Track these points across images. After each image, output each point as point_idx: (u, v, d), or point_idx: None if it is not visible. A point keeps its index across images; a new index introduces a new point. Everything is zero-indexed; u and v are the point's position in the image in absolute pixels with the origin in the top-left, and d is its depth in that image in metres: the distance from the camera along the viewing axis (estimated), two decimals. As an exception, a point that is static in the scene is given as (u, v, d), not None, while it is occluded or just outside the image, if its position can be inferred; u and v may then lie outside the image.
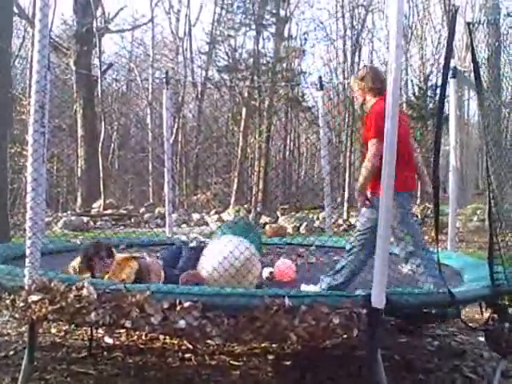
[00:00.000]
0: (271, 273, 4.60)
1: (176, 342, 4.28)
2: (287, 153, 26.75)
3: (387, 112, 2.74)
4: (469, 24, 3.76)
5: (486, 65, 3.70)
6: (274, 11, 22.37)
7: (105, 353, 4.04)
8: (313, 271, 4.78)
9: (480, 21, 3.73)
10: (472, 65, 3.48)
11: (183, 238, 5.48)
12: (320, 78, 7.66)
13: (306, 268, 5.11)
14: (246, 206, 18.64)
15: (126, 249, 5.35)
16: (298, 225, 15.30)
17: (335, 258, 5.39)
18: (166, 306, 2.72)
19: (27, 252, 2.93)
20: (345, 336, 2.79)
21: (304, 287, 4.01)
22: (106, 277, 3.57)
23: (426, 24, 24.90)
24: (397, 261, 4.05)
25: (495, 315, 3.28)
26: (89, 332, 4.25)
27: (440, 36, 23.30)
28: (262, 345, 4.17)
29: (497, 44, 3.90)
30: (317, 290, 3.85)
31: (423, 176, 4.17)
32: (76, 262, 3.85)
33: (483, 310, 3.48)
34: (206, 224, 16.07)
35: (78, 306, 2.78)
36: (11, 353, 4.00)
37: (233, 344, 4.14)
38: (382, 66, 25.08)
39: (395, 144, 2.74)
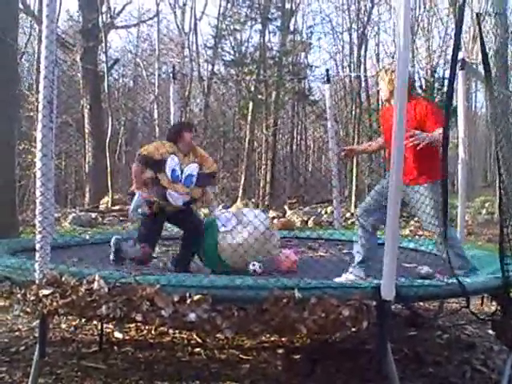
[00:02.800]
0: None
1: (185, 336, 4.30)
2: (294, 146, 26.70)
3: (396, 104, 2.73)
4: (477, 15, 3.73)
5: (495, 56, 3.68)
6: (280, 4, 22.28)
7: (115, 347, 4.07)
8: (322, 263, 4.77)
9: (488, 12, 3.71)
10: (481, 56, 3.46)
11: None
12: (327, 70, 7.63)
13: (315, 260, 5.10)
14: (253, 199, 18.63)
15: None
16: (306, 219, 15.29)
17: (345, 251, 5.40)
18: (176, 299, 2.73)
19: (37, 247, 2.94)
20: (354, 328, 2.79)
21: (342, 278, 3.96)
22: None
23: (433, 16, 24.77)
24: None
25: (504, 307, 3.27)
26: (99, 327, 4.28)
27: (447, 28, 23.19)
28: (272, 338, 4.18)
29: (506, 35, 3.89)
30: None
31: None
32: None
33: (488, 301, 3.47)
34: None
35: (88, 299, 2.79)
36: (22, 348, 4.03)
37: (242, 337, 4.15)
38: (388, 59, 25.03)
39: (403, 139, 2.73)
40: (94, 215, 15.49)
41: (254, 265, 4.24)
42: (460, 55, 5.07)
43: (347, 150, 4.60)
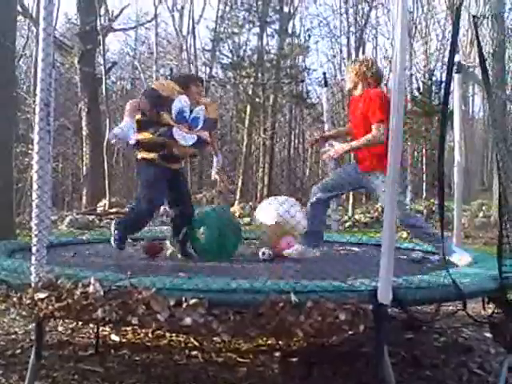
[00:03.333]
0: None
1: (182, 339, 4.29)
2: (292, 149, 26.72)
3: (392, 108, 2.72)
4: (474, 17, 3.75)
5: (492, 59, 3.69)
6: (278, 8, 22.33)
7: (111, 350, 4.05)
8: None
9: (485, 15, 3.72)
10: (478, 59, 3.47)
11: None
12: (324, 74, 7.63)
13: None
14: (251, 202, 18.63)
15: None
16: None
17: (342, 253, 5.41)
18: (172, 302, 2.72)
19: (33, 249, 2.93)
20: (351, 332, 2.79)
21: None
22: None
23: (431, 19, 24.85)
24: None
25: (501, 309, 3.27)
26: (95, 330, 4.27)
27: (444, 31, 23.27)
28: (269, 342, 4.18)
29: (502, 38, 3.90)
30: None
31: None
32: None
33: (485, 304, 3.47)
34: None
35: (84, 302, 2.78)
36: (18, 351, 4.01)
37: (239, 341, 4.15)
38: (386, 61, 25.07)
39: (401, 140, 2.74)
40: (91, 218, 15.48)
41: (263, 254, 4.30)
42: (456, 58, 5.09)
43: (318, 138, 4.77)
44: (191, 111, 4.28)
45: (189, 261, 4.29)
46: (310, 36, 25.17)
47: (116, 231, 4.29)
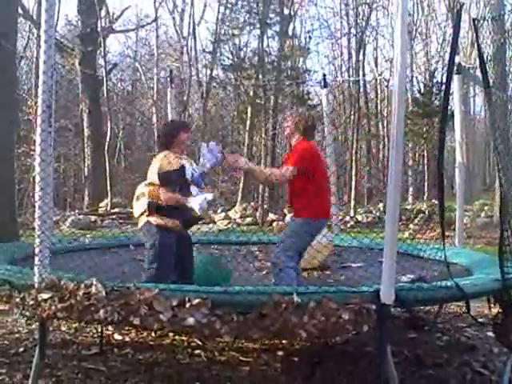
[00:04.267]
0: None
1: (185, 338, 4.30)
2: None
3: (394, 114, 2.72)
4: (474, 20, 3.75)
5: (492, 61, 3.70)
6: (278, 10, 22.32)
7: (115, 350, 4.06)
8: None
9: (485, 17, 3.73)
10: (478, 61, 3.47)
11: None
12: (324, 75, 7.64)
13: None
14: (252, 203, 18.61)
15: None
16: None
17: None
18: (174, 303, 2.72)
19: (36, 250, 2.94)
20: (354, 332, 2.79)
21: None
22: None
23: (431, 21, 24.85)
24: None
25: (504, 309, 3.27)
26: (99, 329, 4.28)
27: (445, 33, 23.27)
28: (272, 341, 4.18)
29: (502, 40, 3.90)
30: None
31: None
32: None
33: (491, 304, 3.47)
34: (214, 222, 16.07)
35: (86, 303, 2.79)
36: (22, 350, 4.03)
37: (242, 340, 4.15)
38: (386, 63, 25.09)
39: (402, 147, 2.74)
40: (93, 218, 15.51)
41: None
42: (456, 60, 5.09)
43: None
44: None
45: None
46: (310, 38, 25.21)
47: None
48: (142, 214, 4.08)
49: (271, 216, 16.58)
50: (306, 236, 4.03)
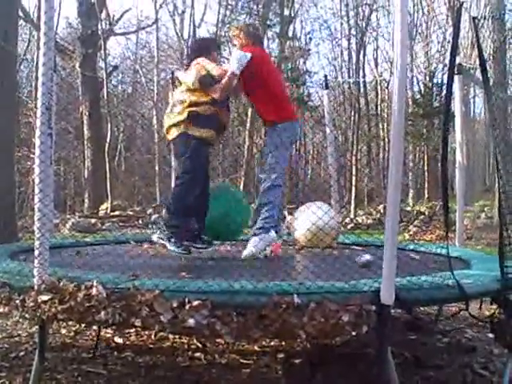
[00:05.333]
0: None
1: (185, 341, 4.29)
2: (293, 151, 26.71)
3: (394, 115, 2.71)
4: (474, 19, 3.75)
5: (492, 60, 3.70)
6: (279, 11, 22.36)
7: (115, 353, 4.05)
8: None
9: (485, 16, 3.72)
10: (478, 60, 3.47)
11: None
12: (325, 76, 7.64)
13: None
14: (253, 204, 18.62)
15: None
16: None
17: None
18: (175, 304, 2.72)
19: (36, 253, 2.94)
20: (354, 333, 2.79)
21: None
22: None
23: (431, 21, 24.87)
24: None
25: (504, 310, 3.26)
26: (98, 332, 4.27)
27: (445, 33, 23.29)
28: (272, 343, 4.18)
29: (502, 39, 3.90)
30: None
31: None
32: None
33: (489, 305, 3.46)
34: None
35: (87, 305, 2.79)
36: (22, 353, 4.02)
37: (242, 342, 4.14)
38: (387, 64, 25.09)
39: (402, 148, 2.72)
40: (93, 221, 15.50)
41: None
42: (457, 60, 5.09)
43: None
44: None
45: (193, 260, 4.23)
46: (310, 39, 25.30)
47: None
48: (174, 125, 4.06)
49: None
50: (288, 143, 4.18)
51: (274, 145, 4.16)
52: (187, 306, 2.71)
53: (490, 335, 4.06)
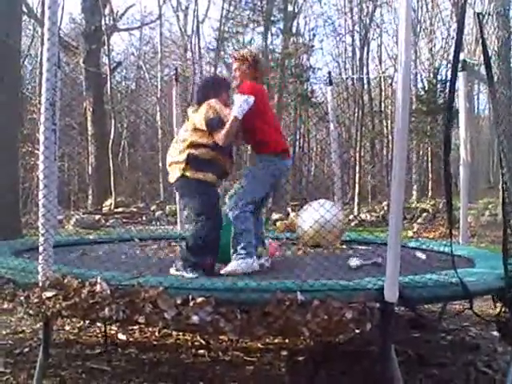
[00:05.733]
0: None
1: (189, 338, 4.30)
2: (297, 148, 26.70)
3: (398, 111, 2.71)
4: (479, 15, 3.73)
5: (497, 57, 3.69)
6: (282, 7, 22.31)
7: (119, 349, 4.06)
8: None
9: (490, 12, 3.71)
10: (482, 57, 3.46)
11: None
12: (329, 73, 7.63)
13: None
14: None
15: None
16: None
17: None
18: (179, 301, 2.73)
19: (40, 249, 2.95)
20: (358, 331, 2.78)
21: None
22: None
23: (435, 17, 24.77)
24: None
25: (509, 307, 3.25)
26: (103, 329, 4.28)
27: (449, 29, 23.19)
28: (276, 340, 4.18)
29: (507, 36, 3.89)
30: None
31: None
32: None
33: (496, 303, 3.46)
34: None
35: (91, 301, 2.80)
36: (26, 350, 4.03)
37: (246, 340, 4.15)
38: (390, 61, 25.04)
39: (406, 145, 2.72)
40: (97, 217, 15.53)
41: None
42: (461, 56, 5.07)
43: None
44: None
45: None
46: (314, 35, 25.20)
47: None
48: (174, 162, 4.03)
49: (275, 215, 16.56)
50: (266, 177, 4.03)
51: (252, 175, 4.05)
52: (191, 303, 2.71)
53: (494, 333, 4.07)
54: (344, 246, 5.35)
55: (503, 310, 3.25)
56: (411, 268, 3.41)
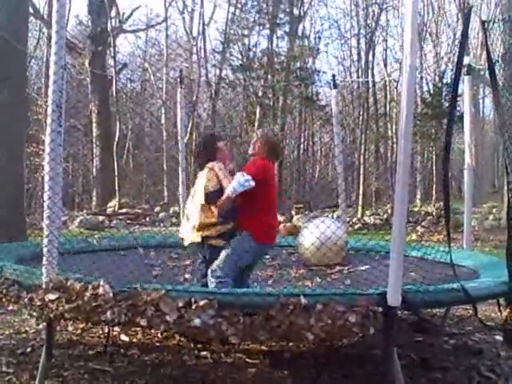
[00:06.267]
0: None
1: (191, 340, 4.29)
2: (301, 152, 26.68)
3: (402, 113, 2.72)
4: (483, 22, 3.74)
5: (502, 62, 3.68)
6: (288, 10, 22.32)
7: (121, 350, 4.06)
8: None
9: (495, 19, 3.71)
10: (487, 62, 3.46)
11: None
12: (334, 76, 7.64)
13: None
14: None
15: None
16: (312, 224, 15.24)
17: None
18: (181, 304, 2.73)
19: (44, 250, 2.96)
20: (361, 335, 2.78)
21: None
22: None
23: (441, 21, 24.77)
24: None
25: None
26: (105, 330, 4.28)
27: (455, 33, 23.16)
28: (278, 343, 4.17)
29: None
30: None
31: None
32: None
33: (501, 308, 3.45)
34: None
35: (94, 304, 2.81)
36: (29, 350, 4.04)
37: (248, 342, 4.14)
38: (396, 64, 25.01)
39: (410, 148, 2.72)
40: (101, 218, 15.55)
41: None
42: (466, 60, 5.07)
43: None
44: None
45: None
46: (319, 38, 25.17)
47: None
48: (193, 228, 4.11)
49: (279, 218, 16.54)
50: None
51: (238, 246, 3.98)
52: (193, 306, 2.71)
53: (497, 338, 4.06)
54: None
55: (509, 316, 3.24)
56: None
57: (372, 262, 5.26)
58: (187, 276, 4.84)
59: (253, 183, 3.87)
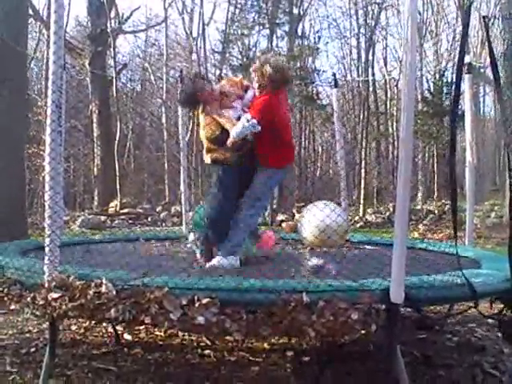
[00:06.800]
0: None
1: (195, 338, 4.30)
2: (302, 150, 26.67)
3: (403, 113, 2.71)
4: (484, 18, 3.74)
5: (503, 59, 3.69)
6: (288, 9, 22.31)
7: (125, 349, 4.07)
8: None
9: (496, 15, 3.71)
10: (489, 59, 3.46)
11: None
12: (334, 75, 7.64)
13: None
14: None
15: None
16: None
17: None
18: (184, 302, 2.73)
19: (46, 250, 2.96)
20: (363, 331, 2.78)
21: None
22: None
23: (441, 20, 24.76)
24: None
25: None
26: (109, 329, 4.28)
27: (455, 31, 23.14)
28: (281, 341, 4.18)
29: (513, 38, 3.89)
30: None
31: None
32: None
33: (497, 304, 3.45)
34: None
35: (97, 302, 2.80)
36: (33, 349, 4.04)
37: (252, 340, 4.15)
38: (396, 63, 25.00)
39: (411, 147, 2.71)
40: (102, 218, 15.57)
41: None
42: (467, 59, 5.07)
43: None
44: None
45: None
46: (319, 37, 25.17)
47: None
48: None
49: (280, 216, 16.55)
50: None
51: (263, 183, 4.16)
52: (197, 304, 2.72)
53: (500, 334, 4.06)
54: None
55: (505, 310, 3.24)
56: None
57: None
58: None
59: (259, 127, 3.88)
